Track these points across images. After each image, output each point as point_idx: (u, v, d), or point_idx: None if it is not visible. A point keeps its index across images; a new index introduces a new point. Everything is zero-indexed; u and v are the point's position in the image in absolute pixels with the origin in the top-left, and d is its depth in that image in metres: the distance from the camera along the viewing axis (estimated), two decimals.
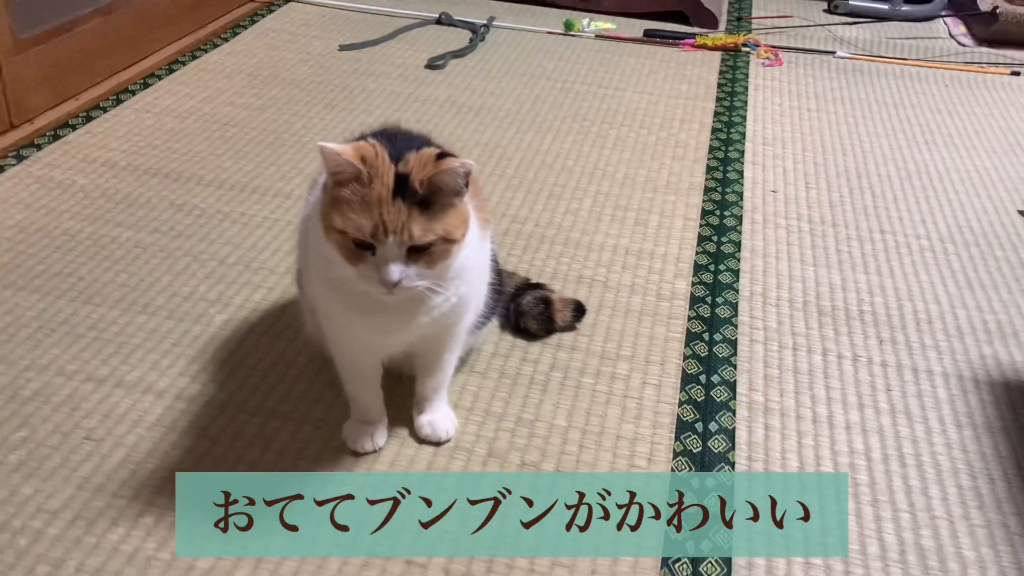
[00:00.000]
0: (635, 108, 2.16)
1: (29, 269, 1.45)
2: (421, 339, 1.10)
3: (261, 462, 1.13)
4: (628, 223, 1.69)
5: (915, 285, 1.57)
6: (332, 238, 0.95)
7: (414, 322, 1.02)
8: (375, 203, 0.92)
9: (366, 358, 1.13)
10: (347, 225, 0.92)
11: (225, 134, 1.92)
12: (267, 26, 2.51)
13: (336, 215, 0.93)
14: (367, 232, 0.92)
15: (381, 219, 0.91)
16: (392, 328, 1.04)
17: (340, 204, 0.93)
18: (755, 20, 2.82)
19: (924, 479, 1.18)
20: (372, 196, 0.92)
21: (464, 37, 2.52)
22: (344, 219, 0.92)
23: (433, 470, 1.14)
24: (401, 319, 1.02)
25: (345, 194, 0.93)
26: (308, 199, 1.11)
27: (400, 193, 0.92)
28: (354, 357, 1.13)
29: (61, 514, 1.05)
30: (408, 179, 0.93)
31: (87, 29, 2.02)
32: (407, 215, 0.92)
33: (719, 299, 1.50)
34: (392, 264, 0.93)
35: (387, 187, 0.92)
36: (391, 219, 0.91)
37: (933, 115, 2.23)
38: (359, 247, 0.93)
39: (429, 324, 1.04)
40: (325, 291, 1.04)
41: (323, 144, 0.92)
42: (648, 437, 1.22)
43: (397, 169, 0.93)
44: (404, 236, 0.92)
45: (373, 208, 0.92)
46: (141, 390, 1.23)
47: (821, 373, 1.35)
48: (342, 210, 0.93)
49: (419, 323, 1.02)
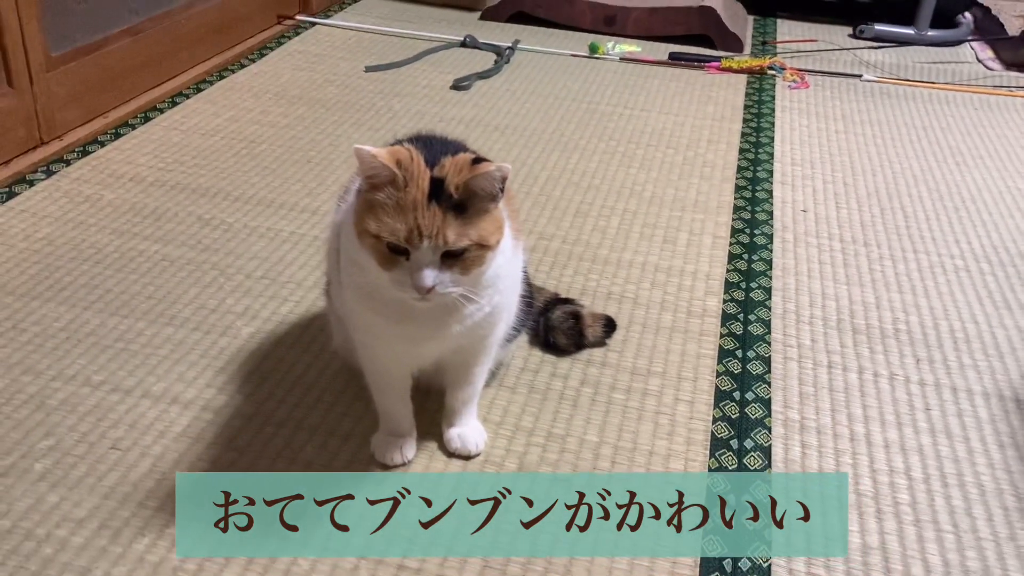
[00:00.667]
0: (661, 129, 2.15)
1: (57, 281, 1.45)
2: (453, 350, 1.08)
3: (287, 474, 1.11)
4: (657, 241, 1.68)
5: (951, 304, 1.54)
6: (366, 242, 0.93)
7: (446, 331, 1.00)
8: (410, 207, 0.90)
9: (396, 369, 1.11)
10: (381, 229, 0.91)
11: (252, 151, 1.92)
12: (294, 48, 2.53)
13: (370, 219, 0.92)
14: (402, 236, 0.90)
15: (416, 223, 0.90)
16: (424, 337, 1.02)
17: (375, 208, 0.92)
18: (780, 44, 2.82)
19: (967, 499, 1.15)
20: (407, 200, 0.91)
21: (489, 59, 2.52)
22: (379, 223, 0.91)
23: (462, 484, 1.12)
24: (433, 328, 1.00)
25: (380, 198, 0.92)
26: (339, 207, 1.10)
27: (435, 197, 0.91)
28: (384, 368, 1.11)
29: (87, 523, 1.03)
30: (444, 183, 0.91)
31: (117, 48, 2.03)
32: (442, 219, 0.90)
33: (751, 316, 1.47)
34: (426, 269, 0.91)
35: (422, 191, 0.91)
36: (426, 223, 0.90)
37: (963, 137, 2.21)
38: (393, 252, 0.92)
39: (462, 334, 1.02)
40: (357, 299, 1.02)
41: (359, 147, 0.91)
42: (682, 453, 1.19)
43: (432, 173, 0.92)
44: (439, 241, 0.90)
45: (408, 212, 0.90)
46: (168, 401, 1.22)
47: (857, 391, 1.32)
48: (376, 214, 0.91)
49: (451, 332, 1.01)
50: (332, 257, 1.12)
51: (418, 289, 0.92)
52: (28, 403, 1.20)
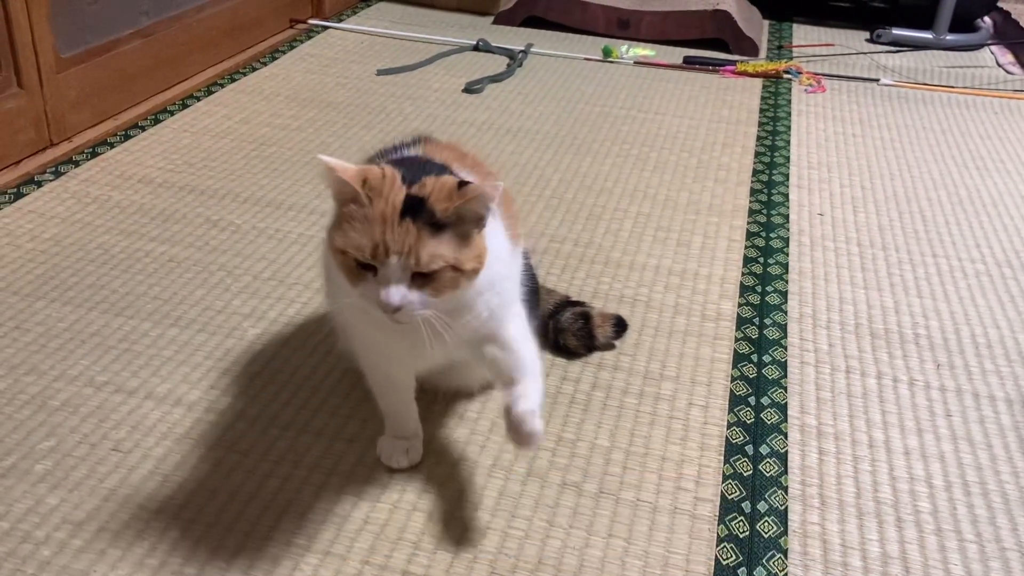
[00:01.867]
0: (675, 132, 2.13)
1: (63, 281, 1.43)
2: (461, 356, 1.06)
3: (292, 476, 1.09)
4: (671, 244, 1.65)
5: (972, 309, 1.50)
6: (336, 258, 0.90)
7: (438, 345, 0.95)
8: (377, 222, 0.86)
9: (398, 373, 1.09)
10: (347, 244, 0.88)
11: (262, 153, 1.91)
12: (305, 51, 2.52)
13: (338, 234, 0.89)
14: (367, 252, 0.86)
15: (383, 238, 0.86)
16: (416, 350, 0.98)
17: (343, 222, 0.89)
18: (796, 48, 2.79)
19: (991, 508, 1.11)
20: (374, 215, 0.87)
21: (501, 63, 2.51)
22: (345, 238, 0.88)
23: (470, 488, 1.09)
24: (420, 342, 0.94)
25: (347, 212, 0.88)
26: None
27: (411, 214, 0.86)
28: (385, 371, 1.08)
29: (86, 525, 1.01)
30: (424, 202, 0.87)
31: (128, 50, 2.03)
32: (415, 237, 0.86)
33: (767, 320, 1.44)
34: (393, 287, 0.87)
35: (393, 206, 0.86)
36: (394, 240, 0.86)
37: (983, 141, 2.17)
38: (361, 267, 0.88)
39: (466, 343, 0.99)
40: (354, 310, 0.99)
41: (324, 158, 0.88)
42: (696, 459, 1.16)
43: (411, 191, 0.88)
44: (410, 260, 0.86)
45: (375, 227, 0.86)
46: (171, 402, 1.20)
47: (876, 397, 1.29)
48: (344, 229, 0.88)
49: (446, 345, 0.96)
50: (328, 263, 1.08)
51: (383, 307, 0.88)
52: (30, 403, 1.18)
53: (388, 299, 0.87)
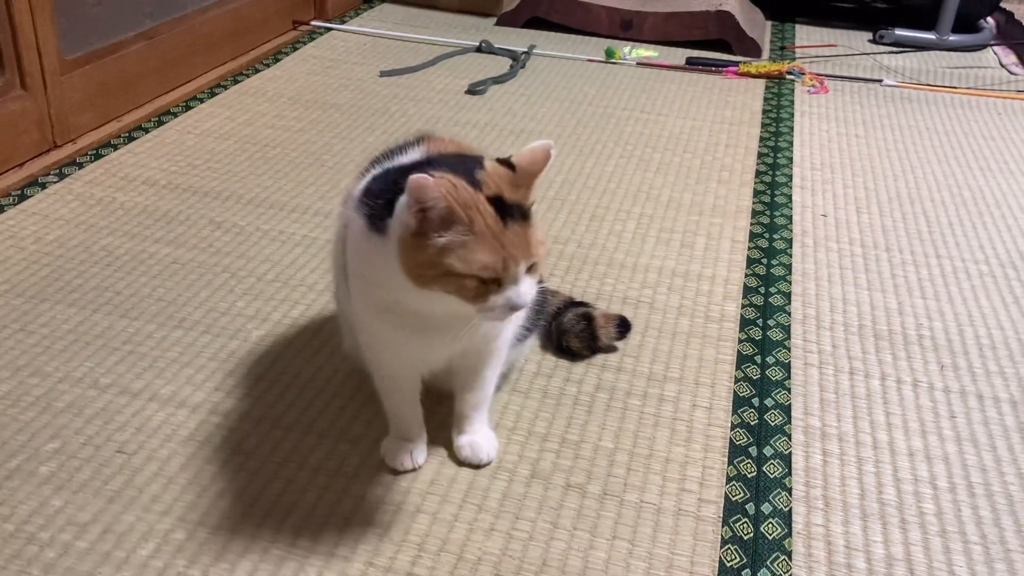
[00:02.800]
0: (678, 133, 2.13)
1: (67, 283, 1.44)
2: (462, 353, 1.06)
3: (297, 478, 1.09)
4: (674, 245, 1.65)
5: (976, 310, 1.50)
6: (446, 282, 0.87)
7: (467, 336, 0.98)
8: (490, 236, 0.85)
9: (406, 373, 1.09)
10: (472, 268, 0.85)
11: (266, 155, 1.91)
12: (309, 53, 2.52)
13: (451, 259, 0.85)
14: (499, 268, 0.86)
15: (505, 250, 0.86)
16: (444, 344, 1.00)
17: (449, 247, 0.85)
18: (799, 49, 2.78)
19: (995, 510, 1.11)
20: (483, 230, 0.85)
21: (504, 64, 2.51)
22: (466, 263, 0.85)
23: (474, 490, 1.09)
24: (454, 334, 0.97)
25: (450, 237, 0.85)
26: (343, 213, 1.07)
27: (502, 215, 0.86)
28: (394, 372, 1.09)
29: (90, 527, 1.01)
30: (502, 200, 0.87)
31: (131, 52, 2.03)
32: (522, 235, 0.87)
33: (771, 322, 1.44)
34: (522, 287, 0.88)
35: (492, 215, 0.86)
36: (514, 246, 0.86)
37: (987, 142, 2.17)
38: (483, 283, 0.87)
39: (478, 337, 1.00)
40: (371, 312, 0.99)
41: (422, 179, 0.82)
42: (699, 460, 1.16)
43: (485, 194, 0.87)
44: (528, 257, 0.87)
45: (491, 241, 0.85)
46: (175, 404, 1.20)
47: (880, 398, 1.29)
48: (456, 253, 0.85)
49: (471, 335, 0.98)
50: (339, 263, 1.09)
51: (517, 308, 0.88)
52: (35, 405, 1.19)
53: (523, 300, 0.88)
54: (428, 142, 1.07)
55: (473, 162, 0.92)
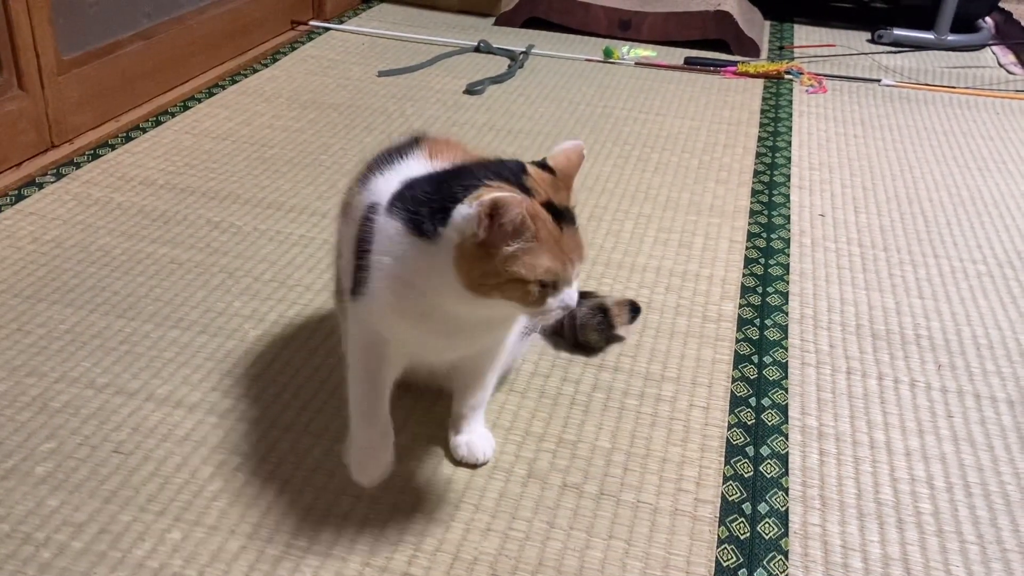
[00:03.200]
0: (677, 133, 2.13)
1: (64, 283, 1.44)
2: (466, 354, 1.06)
3: (294, 478, 1.09)
4: (672, 245, 1.65)
5: (973, 310, 1.50)
6: (508, 290, 0.87)
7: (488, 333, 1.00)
8: (552, 241, 0.87)
9: (398, 370, 1.05)
10: (537, 273, 0.86)
11: (263, 155, 1.91)
12: (307, 53, 2.52)
13: (516, 266, 0.86)
14: (561, 273, 0.88)
15: (568, 255, 0.88)
16: (466, 345, 1.02)
17: (515, 255, 0.86)
18: (797, 49, 2.78)
19: (992, 509, 1.11)
20: (547, 235, 0.86)
21: (502, 64, 2.51)
22: (531, 268, 0.86)
23: (471, 489, 1.09)
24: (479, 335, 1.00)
25: (517, 246, 0.85)
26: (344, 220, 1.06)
27: (558, 222, 0.88)
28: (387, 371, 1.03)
29: (86, 528, 1.01)
30: (553, 205, 0.88)
31: (129, 52, 2.03)
32: (574, 239, 0.89)
33: (768, 321, 1.44)
34: (571, 289, 0.90)
35: (550, 221, 0.87)
36: (573, 250, 0.89)
37: (985, 142, 2.17)
38: (543, 287, 0.88)
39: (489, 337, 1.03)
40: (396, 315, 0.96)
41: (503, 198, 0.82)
42: (696, 460, 1.16)
43: (538, 200, 0.88)
44: (582, 258, 0.90)
45: (553, 246, 0.87)
46: (172, 404, 1.20)
47: (877, 398, 1.29)
48: (521, 260, 0.86)
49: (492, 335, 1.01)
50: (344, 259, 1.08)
51: (569, 309, 0.90)
52: (31, 405, 1.18)
53: (574, 300, 0.90)
54: (427, 143, 1.06)
55: (514, 167, 0.92)
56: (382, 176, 1.02)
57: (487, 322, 0.97)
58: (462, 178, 0.90)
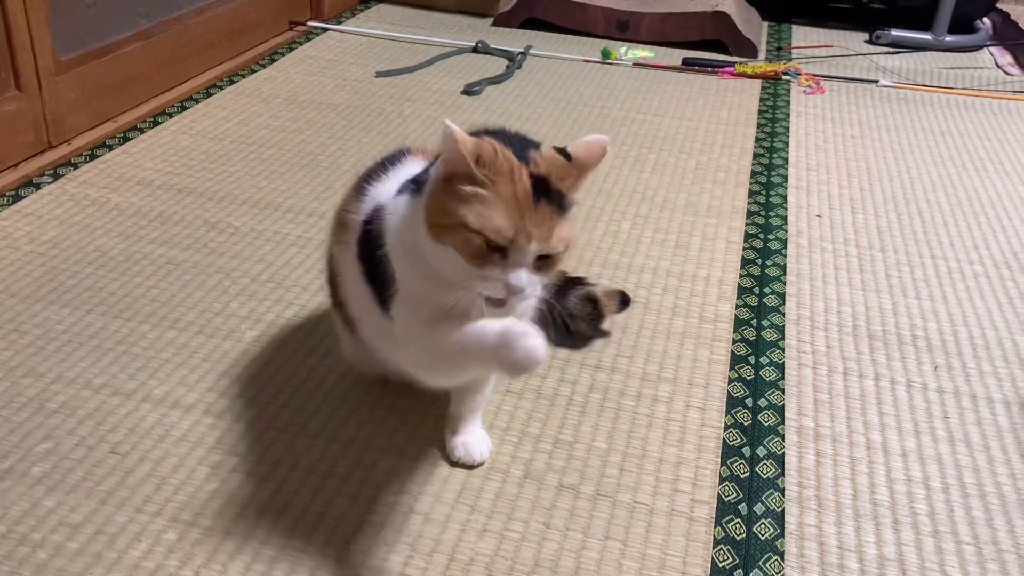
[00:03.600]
0: (674, 133, 2.13)
1: (61, 284, 1.44)
2: None
3: (289, 479, 1.09)
4: (669, 245, 1.65)
5: (970, 311, 1.50)
6: (454, 235, 0.84)
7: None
8: (514, 204, 0.83)
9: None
10: (484, 225, 0.83)
11: (261, 155, 1.91)
12: (305, 53, 2.52)
13: (466, 211, 0.83)
14: (508, 235, 0.83)
15: (524, 223, 0.83)
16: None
17: (471, 200, 0.83)
18: (795, 49, 2.79)
19: (988, 510, 1.11)
20: (510, 196, 0.83)
21: (500, 65, 2.51)
22: (480, 218, 0.83)
23: (467, 490, 1.09)
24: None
25: (473, 190, 0.83)
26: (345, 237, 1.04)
27: (540, 196, 0.84)
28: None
29: (82, 528, 1.01)
30: (547, 181, 0.84)
31: (127, 52, 2.03)
32: (549, 220, 0.84)
33: (765, 322, 1.44)
34: (522, 270, 0.84)
35: (525, 190, 0.83)
36: (535, 226, 0.83)
37: (982, 143, 2.17)
38: (489, 249, 0.84)
39: None
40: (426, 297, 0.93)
41: (449, 124, 0.82)
42: (692, 461, 1.16)
43: (530, 170, 0.85)
44: (545, 244, 0.84)
45: (513, 210, 0.83)
46: (168, 404, 1.20)
47: (874, 399, 1.29)
48: (473, 207, 0.83)
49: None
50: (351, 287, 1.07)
51: (511, 289, 0.85)
52: (28, 406, 1.18)
53: (519, 282, 0.84)
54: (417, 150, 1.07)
55: (522, 139, 0.91)
56: (379, 184, 1.03)
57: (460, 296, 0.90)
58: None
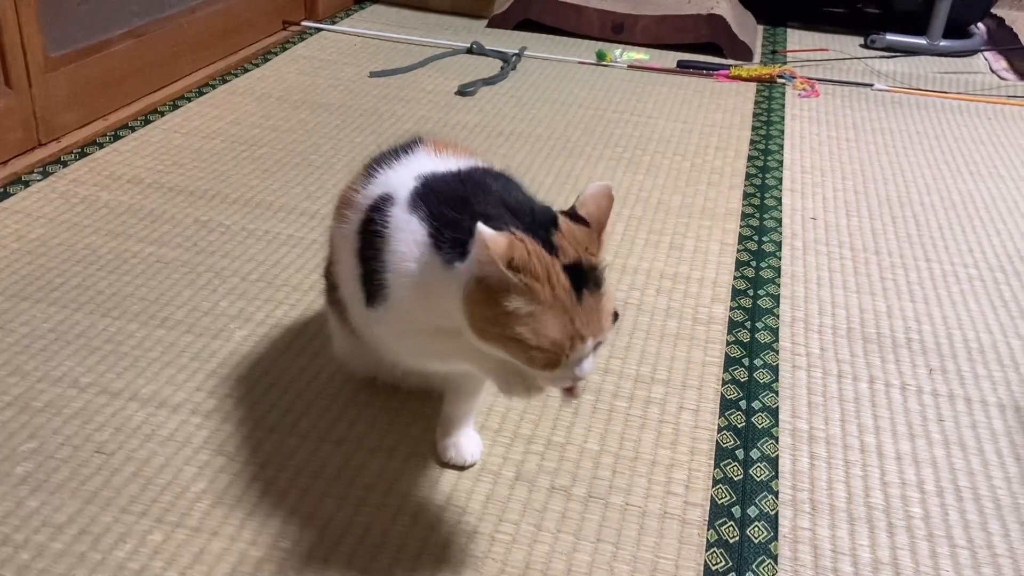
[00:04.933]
0: (669, 136, 2.12)
1: (48, 282, 1.42)
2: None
3: (277, 480, 1.08)
4: (663, 247, 1.64)
5: (964, 314, 1.50)
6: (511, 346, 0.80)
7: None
8: (562, 310, 0.79)
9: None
10: (541, 342, 0.79)
11: (253, 154, 1.89)
12: (298, 53, 2.51)
13: (520, 328, 0.79)
14: (566, 347, 0.80)
15: (576, 330, 0.80)
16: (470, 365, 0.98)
17: (521, 316, 0.79)
18: (790, 53, 2.78)
19: (983, 514, 1.10)
20: (556, 301, 0.79)
21: (495, 66, 2.50)
22: (536, 335, 0.79)
23: (457, 492, 1.08)
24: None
25: (517, 305, 0.79)
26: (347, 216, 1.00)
27: (577, 285, 0.80)
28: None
29: (66, 529, 1.00)
30: (580, 268, 0.81)
31: (118, 51, 2.01)
32: (595, 311, 0.81)
33: (759, 324, 1.43)
34: (585, 361, 0.83)
35: (565, 288, 0.80)
36: (585, 324, 0.80)
37: (977, 147, 2.17)
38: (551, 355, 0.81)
39: None
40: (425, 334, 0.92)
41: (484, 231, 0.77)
42: (685, 463, 1.15)
43: (561, 261, 0.80)
44: (600, 334, 0.82)
45: (562, 316, 0.79)
46: (156, 404, 1.19)
47: (868, 401, 1.28)
48: (526, 324, 0.79)
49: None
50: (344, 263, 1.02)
51: (578, 379, 0.83)
52: (12, 405, 1.17)
53: (584, 374, 0.83)
54: (429, 140, 1.04)
55: (545, 218, 0.85)
56: (391, 170, 1.00)
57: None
58: (489, 209, 0.84)
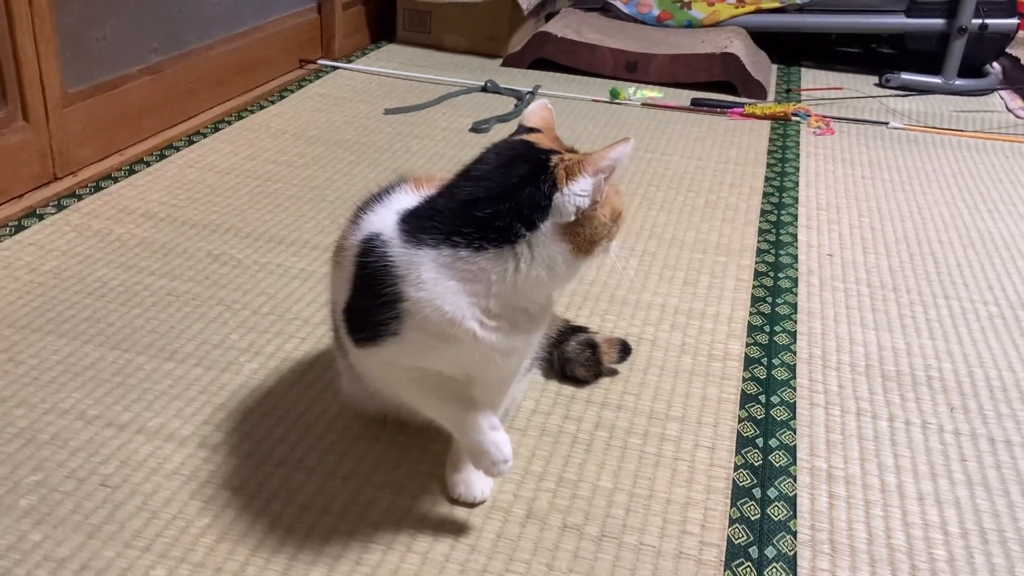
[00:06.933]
0: (683, 172, 2.11)
1: (59, 314, 1.41)
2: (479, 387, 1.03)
3: (284, 515, 1.06)
4: (677, 283, 1.62)
5: (986, 352, 1.47)
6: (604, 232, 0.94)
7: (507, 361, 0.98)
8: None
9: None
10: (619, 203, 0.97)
11: (267, 189, 1.90)
12: (314, 91, 2.52)
13: (615, 202, 0.95)
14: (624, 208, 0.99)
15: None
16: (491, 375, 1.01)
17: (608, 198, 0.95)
18: (804, 91, 2.78)
19: (1009, 557, 1.07)
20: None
21: (509, 104, 2.51)
22: (617, 200, 0.96)
23: (467, 529, 1.05)
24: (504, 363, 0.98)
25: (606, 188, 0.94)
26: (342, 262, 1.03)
27: None
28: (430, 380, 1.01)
29: (68, 563, 0.98)
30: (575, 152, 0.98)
31: (136, 86, 2.03)
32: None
33: (775, 361, 1.41)
34: None
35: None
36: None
37: (994, 184, 2.15)
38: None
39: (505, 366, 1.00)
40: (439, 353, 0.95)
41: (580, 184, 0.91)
42: (701, 502, 1.12)
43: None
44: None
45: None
46: (163, 437, 1.17)
47: (888, 440, 1.25)
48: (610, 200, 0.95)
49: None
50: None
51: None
52: (19, 437, 1.16)
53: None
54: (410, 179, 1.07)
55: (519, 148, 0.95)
56: (374, 212, 1.03)
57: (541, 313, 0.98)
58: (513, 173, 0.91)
